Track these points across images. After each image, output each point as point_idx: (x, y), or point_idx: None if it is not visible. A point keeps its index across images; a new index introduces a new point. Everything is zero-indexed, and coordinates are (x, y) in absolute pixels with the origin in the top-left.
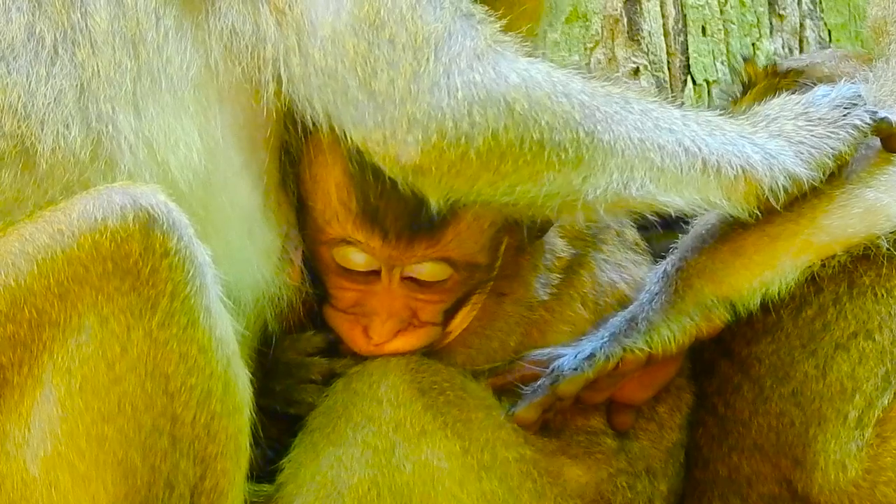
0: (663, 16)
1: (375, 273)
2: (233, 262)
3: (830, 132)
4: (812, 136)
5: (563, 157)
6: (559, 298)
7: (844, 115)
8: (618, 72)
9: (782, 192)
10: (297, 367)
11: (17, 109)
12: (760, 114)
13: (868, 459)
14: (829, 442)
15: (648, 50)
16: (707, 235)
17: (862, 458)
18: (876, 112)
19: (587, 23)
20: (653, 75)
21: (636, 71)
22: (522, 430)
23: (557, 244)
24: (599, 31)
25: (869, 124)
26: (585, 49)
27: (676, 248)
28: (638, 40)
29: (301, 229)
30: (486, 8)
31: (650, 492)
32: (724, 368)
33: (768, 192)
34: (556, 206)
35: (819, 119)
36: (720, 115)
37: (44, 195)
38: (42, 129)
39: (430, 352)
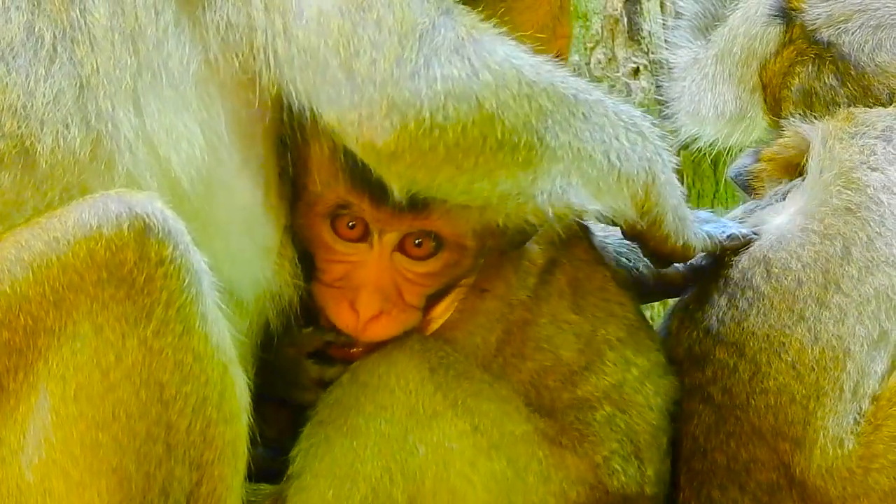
0: (663, 16)
1: (366, 243)
2: (234, 261)
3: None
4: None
5: (517, 158)
6: (537, 297)
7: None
8: (618, 72)
9: (661, 207)
10: (293, 365)
11: (16, 110)
12: None
13: (862, 446)
14: (828, 417)
15: (648, 50)
16: None
17: (858, 434)
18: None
19: (587, 23)
20: (653, 75)
21: (636, 71)
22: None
23: (533, 249)
24: (599, 31)
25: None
26: (585, 49)
27: None
28: (638, 40)
29: (294, 204)
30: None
31: (639, 476)
32: (719, 354)
33: (649, 207)
34: (509, 208)
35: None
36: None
37: (43, 198)
38: (42, 129)
39: None
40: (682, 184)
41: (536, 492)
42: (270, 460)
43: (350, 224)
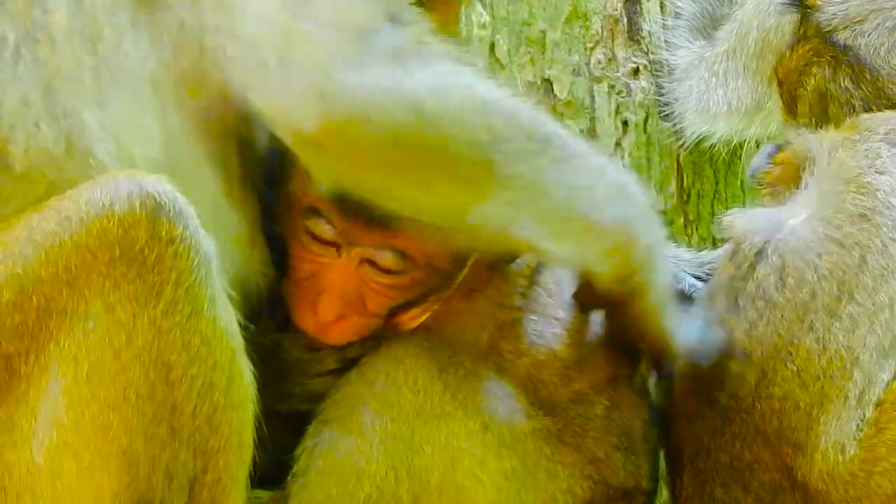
0: (663, 16)
1: (335, 248)
2: None
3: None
4: None
5: (455, 172)
6: (528, 297)
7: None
8: (618, 72)
9: (644, 278)
10: (308, 363)
11: None
12: None
13: (864, 449)
14: (831, 423)
15: (648, 50)
16: None
17: (861, 439)
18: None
19: (587, 23)
20: (653, 75)
21: (636, 71)
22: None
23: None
24: (599, 31)
25: None
26: (585, 49)
27: None
28: (638, 40)
29: (277, 195)
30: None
31: (636, 471)
32: (727, 362)
33: (629, 272)
34: (443, 223)
35: None
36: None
37: (24, 195)
38: (13, 132)
39: None
40: (682, 184)
41: (546, 489)
42: (269, 464)
43: (322, 228)
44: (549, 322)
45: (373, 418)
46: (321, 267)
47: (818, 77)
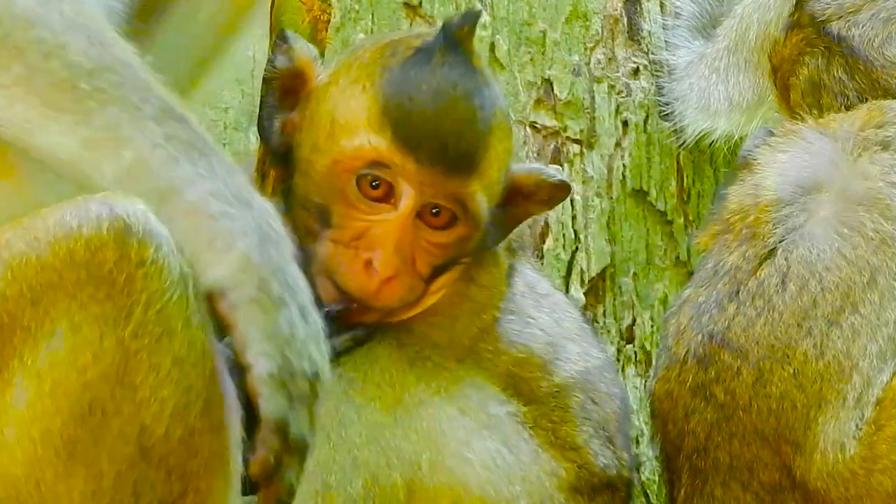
0: (663, 16)
1: (389, 204)
2: None
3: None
4: None
5: None
6: (506, 297)
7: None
8: (618, 72)
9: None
10: None
11: None
12: None
13: (865, 447)
14: (829, 423)
15: (648, 50)
16: None
17: (861, 438)
18: None
19: (587, 23)
20: (653, 75)
21: (636, 71)
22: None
23: (501, 253)
24: (599, 31)
25: None
26: (585, 49)
27: None
28: (638, 40)
29: (303, 160)
30: None
31: (616, 460)
32: (724, 357)
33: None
34: None
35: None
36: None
37: None
38: None
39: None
40: (682, 184)
41: (531, 469)
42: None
43: (374, 183)
44: (526, 321)
45: (358, 411)
46: (373, 225)
47: (811, 67)
